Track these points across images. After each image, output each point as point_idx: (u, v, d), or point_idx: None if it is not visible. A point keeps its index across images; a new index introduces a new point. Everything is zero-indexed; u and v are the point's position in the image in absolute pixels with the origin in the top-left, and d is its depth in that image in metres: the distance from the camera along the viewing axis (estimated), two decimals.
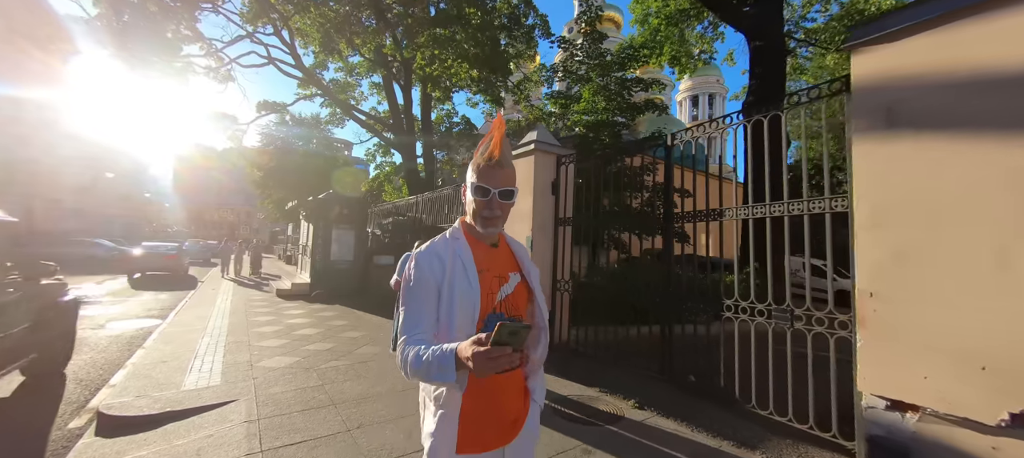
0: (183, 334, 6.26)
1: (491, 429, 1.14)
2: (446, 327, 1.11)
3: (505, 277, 1.21)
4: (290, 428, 3.22)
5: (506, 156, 1.16)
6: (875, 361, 2.43)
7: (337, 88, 12.29)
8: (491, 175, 1.14)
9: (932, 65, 2.29)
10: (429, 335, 1.08)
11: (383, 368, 4.84)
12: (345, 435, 3.14)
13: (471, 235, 1.23)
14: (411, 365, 1.02)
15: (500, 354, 0.87)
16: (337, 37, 8.88)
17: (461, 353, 0.94)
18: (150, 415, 3.42)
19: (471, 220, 1.22)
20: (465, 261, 1.15)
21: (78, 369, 4.77)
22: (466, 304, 1.11)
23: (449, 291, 1.11)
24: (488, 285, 1.16)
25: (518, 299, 1.22)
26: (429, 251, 1.16)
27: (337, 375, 4.57)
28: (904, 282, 2.34)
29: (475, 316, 1.11)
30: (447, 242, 1.20)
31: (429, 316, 1.10)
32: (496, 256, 1.23)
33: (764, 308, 3.29)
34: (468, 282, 1.12)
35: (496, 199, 1.14)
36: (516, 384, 1.20)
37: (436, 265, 1.13)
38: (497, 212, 1.16)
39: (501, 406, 1.16)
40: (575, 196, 5.58)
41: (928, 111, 2.30)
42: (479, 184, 1.14)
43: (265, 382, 4.25)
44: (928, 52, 2.30)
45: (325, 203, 11.87)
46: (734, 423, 3.38)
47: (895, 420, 2.34)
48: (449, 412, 1.08)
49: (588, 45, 12.64)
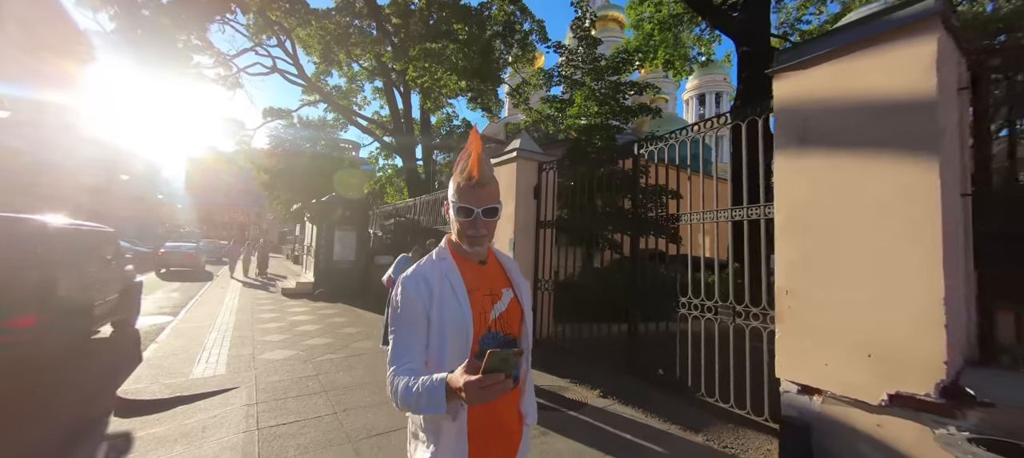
0: (193, 330, 6.72)
1: (494, 452, 1.11)
2: (437, 352, 1.07)
3: (498, 294, 1.17)
4: (284, 411, 3.63)
5: (486, 173, 1.12)
6: (790, 351, 2.76)
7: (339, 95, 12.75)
8: (473, 194, 1.10)
9: (835, 91, 2.61)
10: (419, 363, 1.05)
11: (374, 361, 5.23)
12: (332, 417, 3.53)
13: (458, 253, 1.18)
14: (401, 396, 0.99)
15: (493, 382, 0.85)
16: (337, 48, 9.35)
17: (452, 383, 0.90)
18: (162, 399, 3.85)
19: (457, 239, 1.18)
20: (453, 282, 1.11)
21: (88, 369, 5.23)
22: (458, 327, 1.07)
23: (438, 315, 1.07)
24: (480, 304, 1.11)
25: (512, 316, 1.17)
26: (415, 275, 1.12)
27: (331, 366, 4.97)
28: (812, 281, 2.67)
29: (469, 339, 1.06)
30: (434, 263, 1.15)
31: (418, 344, 1.06)
32: (486, 273, 1.19)
33: (712, 305, 3.62)
34: (458, 304, 1.08)
35: (480, 218, 1.11)
36: (513, 407, 1.17)
37: (423, 290, 1.08)
38: (483, 231, 1.13)
39: (503, 430, 1.13)
40: (569, 199, 5.89)
41: (833, 131, 2.62)
42: (461, 205, 1.11)
43: (265, 372, 4.67)
44: (832, 79, 2.62)
45: (328, 205, 12.33)
46: (685, 410, 3.72)
47: (804, 402, 2.67)
48: (455, 441, 1.05)
49: (583, 51, 12.95)
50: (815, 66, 2.69)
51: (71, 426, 3.36)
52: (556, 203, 5.93)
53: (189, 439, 3.15)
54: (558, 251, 5.86)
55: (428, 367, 1.05)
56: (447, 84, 9.12)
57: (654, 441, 3.25)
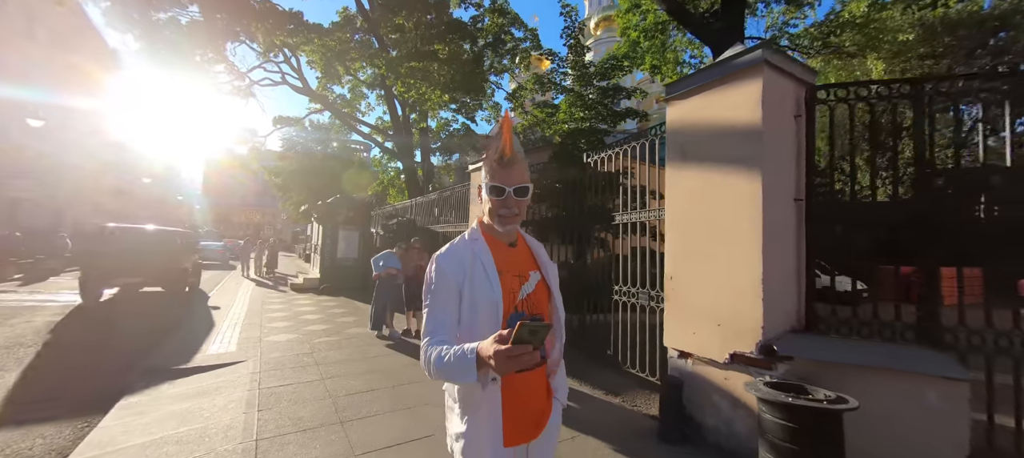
0: (210, 318, 7.62)
1: (524, 424, 1.15)
2: (469, 327, 1.12)
3: (525, 276, 1.22)
4: (282, 376, 4.44)
5: (517, 153, 1.17)
6: (672, 324, 3.46)
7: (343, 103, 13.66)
8: (504, 173, 1.15)
9: (702, 118, 3.29)
10: (451, 336, 1.10)
11: (363, 342, 6.03)
12: (319, 382, 4.32)
13: (490, 235, 1.23)
14: (434, 365, 1.04)
15: (521, 352, 0.88)
16: (337, 64, 10.22)
17: (482, 352, 0.95)
18: (182, 368, 4.69)
19: (489, 219, 1.22)
20: (485, 262, 1.15)
21: (121, 343, 6.13)
22: (488, 305, 1.12)
23: (470, 292, 1.12)
24: (509, 285, 1.16)
25: (539, 297, 1.22)
26: (449, 253, 1.18)
27: (325, 346, 5.79)
28: (687, 268, 3.35)
29: (498, 316, 1.11)
30: (467, 244, 1.20)
31: (451, 317, 1.11)
32: (515, 255, 1.24)
33: (635, 291, 4.31)
34: (489, 283, 1.13)
35: (512, 196, 1.16)
36: (540, 383, 1.21)
37: (456, 268, 1.14)
38: (514, 210, 1.17)
39: (531, 404, 1.17)
40: (539, 199, 6.57)
41: (701, 149, 3.30)
42: (493, 184, 1.16)
43: (269, 349, 5.50)
44: (700, 109, 3.30)
45: (333, 207, 13.23)
46: (613, 379, 4.43)
47: (681, 364, 3.37)
48: (490, 410, 1.10)
49: (572, 58, 13.63)
50: (689, 97, 3.38)
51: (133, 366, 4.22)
52: (547, 200, 6.63)
53: (205, 395, 3.97)
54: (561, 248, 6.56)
55: (460, 340, 1.09)
56: (431, 98, 9.92)
57: (579, 402, 3.96)
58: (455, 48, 9.52)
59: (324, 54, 9.97)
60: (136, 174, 35.84)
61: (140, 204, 36.61)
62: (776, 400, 2.37)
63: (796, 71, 3.08)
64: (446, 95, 9.63)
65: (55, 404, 3.82)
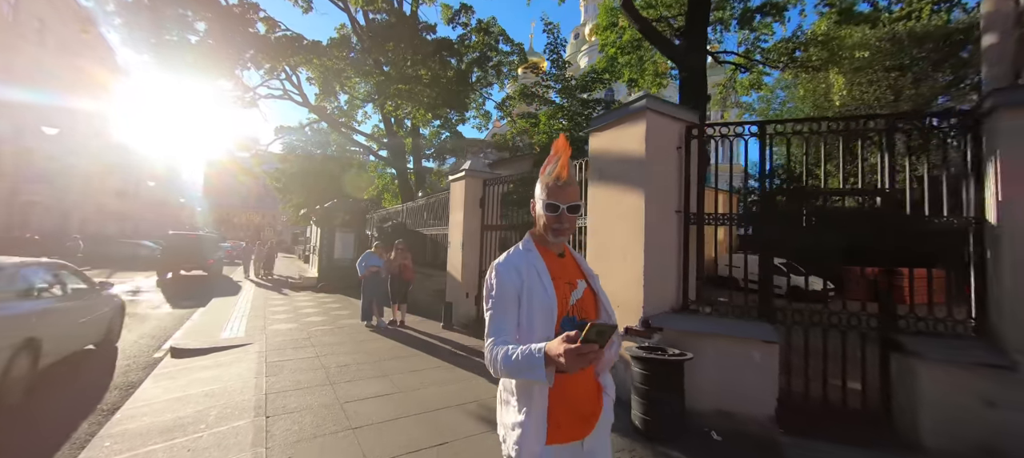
0: (219, 310, 8.57)
1: (573, 422, 1.23)
2: (527, 330, 1.21)
3: (574, 283, 1.32)
4: (283, 354, 5.38)
5: (571, 175, 1.29)
6: None
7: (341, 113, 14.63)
8: (560, 193, 1.27)
9: (611, 148, 4.25)
10: (512, 338, 1.19)
11: (354, 330, 6.98)
12: (315, 357, 5.27)
13: (542, 246, 1.34)
14: (501, 363, 1.13)
15: (589, 350, 0.97)
16: (334, 82, 11.19)
17: (551, 351, 1.02)
18: (202, 348, 5.64)
19: (542, 232, 1.33)
20: (540, 271, 1.26)
21: (149, 330, 7.08)
22: (544, 309, 1.21)
23: (528, 298, 1.22)
24: (562, 291, 1.26)
25: (587, 303, 1.33)
26: (507, 263, 1.28)
27: (320, 332, 6.74)
28: (601, 264, 4.31)
29: (553, 319, 1.21)
30: (522, 254, 1.31)
31: (511, 321, 1.21)
32: (564, 265, 1.34)
33: None
34: (545, 290, 1.23)
35: (565, 213, 1.27)
36: (589, 382, 1.29)
37: (514, 276, 1.24)
38: (566, 225, 1.28)
39: (580, 401, 1.25)
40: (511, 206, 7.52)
41: (611, 172, 4.26)
42: (549, 201, 1.27)
43: (272, 335, 6.45)
44: (609, 141, 4.26)
45: (330, 210, 14.19)
46: None
47: None
48: (537, 407, 1.18)
49: (556, 72, 14.62)
50: (604, 131, 4.34)
51: None
52: (499, 211, 7.60)
53: (220, 366, 4.92)
54: (499, 248, 7.52)
55: (518, 341, 1.16)
56: (415, 115, 10.90)
57: None
58: (437, 71, 10.49)
59: (322, 73, 10.96)
60: (139, 177, 36.78)
61: (144, 206, 37.58)
62: (637, 356, 3.33)
63: (677, 113, 4.04)
64: (429, 113, 10.60)
65: None
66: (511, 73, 16.65)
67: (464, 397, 4.03)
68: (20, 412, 3.65)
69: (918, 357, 3.16)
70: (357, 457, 2.92)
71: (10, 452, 3.07)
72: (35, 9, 23.48)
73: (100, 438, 3.14)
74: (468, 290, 7.47)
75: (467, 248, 7.50)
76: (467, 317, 7.33)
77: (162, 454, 2.90)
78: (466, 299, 7.45)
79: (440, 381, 4.54)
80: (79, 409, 3.83)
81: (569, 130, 13.70)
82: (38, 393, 4.03)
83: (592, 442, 1.28)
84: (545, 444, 1.17)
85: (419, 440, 3.16)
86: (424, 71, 10.17)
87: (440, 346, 6.07)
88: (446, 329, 7.23)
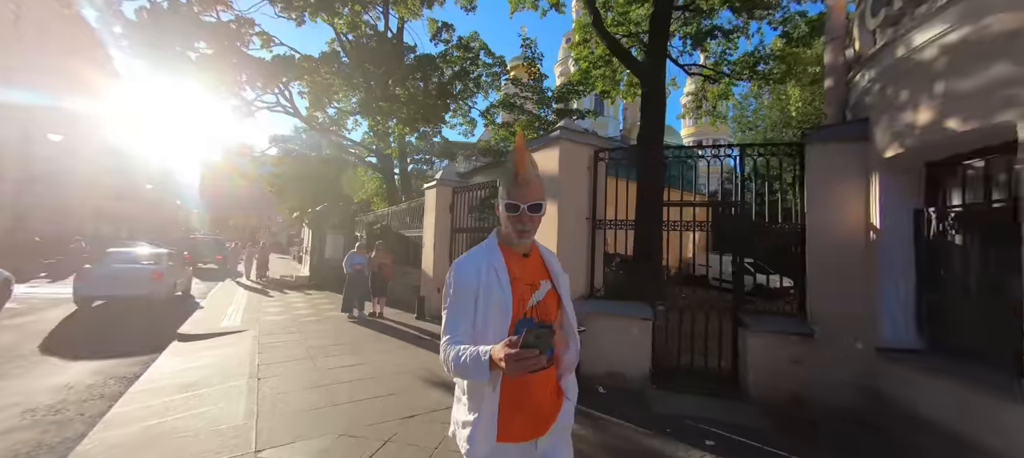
0: (217, 305, 9.54)
1: (525, 422, 1.24)
2: (482, 329, 1.22)
3: (536, 284, 1.32)
4: (274, 337, 6.38)
5: (531, 172, 1.30)
6: None
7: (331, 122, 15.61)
8: (519, 192, 1.26)
9: (544, 164, 5.27)
10: (467, 337, 1.20)
11: (337, 320, 7.98)
12: (301, 340, 6.28)
13: (505, 245, 1.34)
14: (452, 363, 1.15)
15: (528, 356, 0.96)
16: (323, 96, 12.21)
17: (494, 355, 1.03)
18: (206, 334, 6.63)
19: (506, 232, 1.33)
20: (498, 270, 1.26)
21: (161, 319, 8.05)
22: (500, 309, 1.22)
23: (484, 298, 1.23)
24: (520, 292, 1.26)
25: (549, 305, 1.33)
26: (466, 261, 1.30)
27: (306, 321, 7.74)
28: None
29: (508, 320, 1.21)
30: (483, 253, 1.32)
31: (467, 319, 1.22)
32: (528, 265, 1.35)
33: None
34: (501, 290, 1.23)
35: (526, 213, 1.27)
36: (550, 383, 1.30)
37: (472, 275, 1.25)
38: (528, 225, 1.28)
39: (535, 402, 1.26)
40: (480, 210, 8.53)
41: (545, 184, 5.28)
42: (509, 201, 1.27)
43: (265, 323, 7.45)
44: (542, 160, 5.29)
45: (322, 214, 15.18)
46: None
47: None
48: (488, 405, 1.20)
49: (531, 83, 15.68)
50: (537, 151, 5.36)
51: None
52: (468, 215, 8.61)
53: (222, 347, 5.92)
54: (467, 248, 8.52)
55: (475, 340, 1.19)
56: (395, 131, 11.94)
57: None
58: (413, 91, 11.53)
59: (313, 87, 11.95)
60: (136, 179, 37.54)
61: (142, 207, 38.34)
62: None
63: (587, 140, 5.09)
64: (407, 128, 11.63)
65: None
66: (494, 83, 17.71)
67: (418, 367, 5.04)
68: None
69: (749, 329, 4.20)
70: (326, 401, 3.93)
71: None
72: (36, 13, 24.12)
73: (131, 394, 4.12)
74: (439, 286, 8.45)
75: (438, 248, 8.51)
76: (438, 309, 8.30)
77: (181, 400, 3.90)
78: (437, 294, 8.43)
79: (402, 357, 5.55)
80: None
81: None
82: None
83: (546, 443, 1.29)
84: (495, 441, 1.19)
85: (376, 392, 4.18)
86: (401, 91, 11.18)
87: (409, 333, 7.09)
88: (419, 319, 8.25)
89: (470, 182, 9.05)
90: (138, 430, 3.25)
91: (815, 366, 3.96)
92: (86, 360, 5.25)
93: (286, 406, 3.78)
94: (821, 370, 3.94)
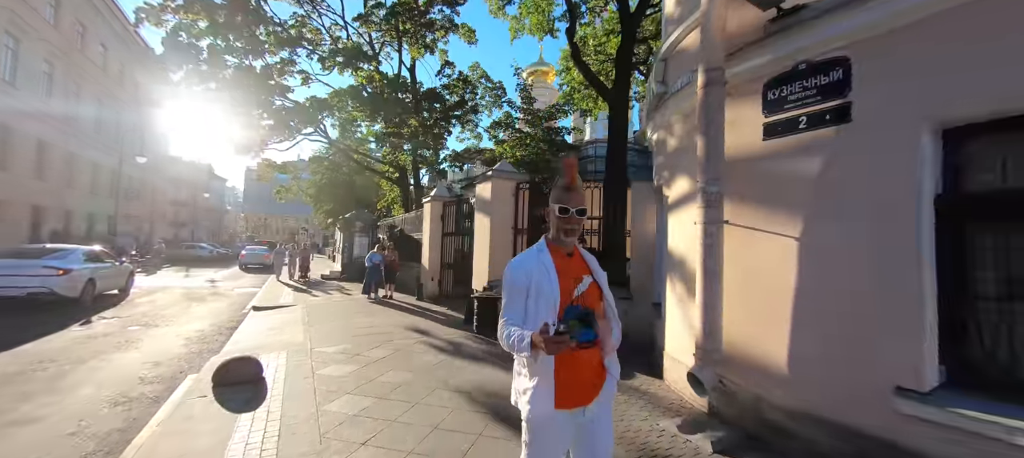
0: (273, 291, 12.86)
1: (576, 392, 1.53)
2: (533, 314, 1.50)
3: (580, 278, 1.59)
4: (317, 312, 9.47)
5: (578, 183, 1.60)
6: (474, 281, 8.20)
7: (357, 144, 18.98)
8: (569, 198, 1.57)
9: (483, 194, 8.02)
10: (519, 320, 1.50)
11: (359, 301, 11.02)
12: (334, 310, 9.30)
13: (553, 246, 1.63)
14: (504, 339, 1.47)
15: (559, 341, 1.23)
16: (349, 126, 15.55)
17: (534, 339, 1.32)
18: (271, 306, 9.80)
19: (553, 233, 1.63)
20: (548, 267, 1.55)
21: (236, 299, 11.35)
22: (548, 299, 1.50)
23: (536, 290, 1.51)
24: (566, 285, 1.53)
25: (591, 296, 1.59)
26: (518, 264, 1.61)
27: (339, 301, 10.83)
28: (477, 255, 8.08)
29: (556, 308, 1.49)
30: (535, 254, 1.61)
31: (519, 308, 1.52)
32: (571, 263, 1.62)
33: None
34: (550, 283, 1.51)
35: (574, 215, 1.57)
36: (595, 362, 1.58)
37: (522, 275, 1.54)
38: (575, 225, 1.58)
39: (584, 377, 1.55)
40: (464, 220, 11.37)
41: (480, 207, 8.03)
42: (561, 205, 1.57)
43: (310, 304, 10.59)
44: (482, 190, 8.04)
45: (350, 220, 18.45)
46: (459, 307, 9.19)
47: (473, 294, 8.12)
48: (545, 379, 1.48)
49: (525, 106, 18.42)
50: (481, 183, 8.12)
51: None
52: (455, 223, 11.43)
53: (283, 313, 9.02)
54: (452, 249, 11.36)
55: (527, 323, 1.49)
56: (400, 157, 15.02)
57: (439, 318, 8.72)
58: (416, 126, 14.62)
59: (341, 121, 15.25)
60: (194, 188, 42.80)
61: (200, 213, 43.65)
62: (477, 296, 7.12)
63: (512, 176, 7.80)
64: (410, 157, 14.71)
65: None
66: (494, 104, 20.57)
67: (408, 325, 7.91)
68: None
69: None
70: (346, 331, 6.87)
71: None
72: (97, 32, 24.19)
73: (234, 340, 7.15)
74: (433, 276, 11.35)
75: (432, 248, 11.40)
76: (432, 293, 11.21)
77: (268, 333, 6.93)
78: (432, 282, 11.33)
79: (398, 319, 8.47)
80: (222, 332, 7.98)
81: (531, 155, 17.44)
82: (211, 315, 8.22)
83: (594, 409, 1.57)
84: (553, 408, 1.48)
85: (377, 332, 7.07)
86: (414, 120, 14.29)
87: (409, 308, 10.02)
88: (418, 300, 11.16)
89: (457, 197, 11.90)
90: (252, 342, 6.29)
91: (635, 318, 6.54)
92: (204, 319, 8.46)
93: (324, 336, 6.75)
94: (635, 318, 6.53)
